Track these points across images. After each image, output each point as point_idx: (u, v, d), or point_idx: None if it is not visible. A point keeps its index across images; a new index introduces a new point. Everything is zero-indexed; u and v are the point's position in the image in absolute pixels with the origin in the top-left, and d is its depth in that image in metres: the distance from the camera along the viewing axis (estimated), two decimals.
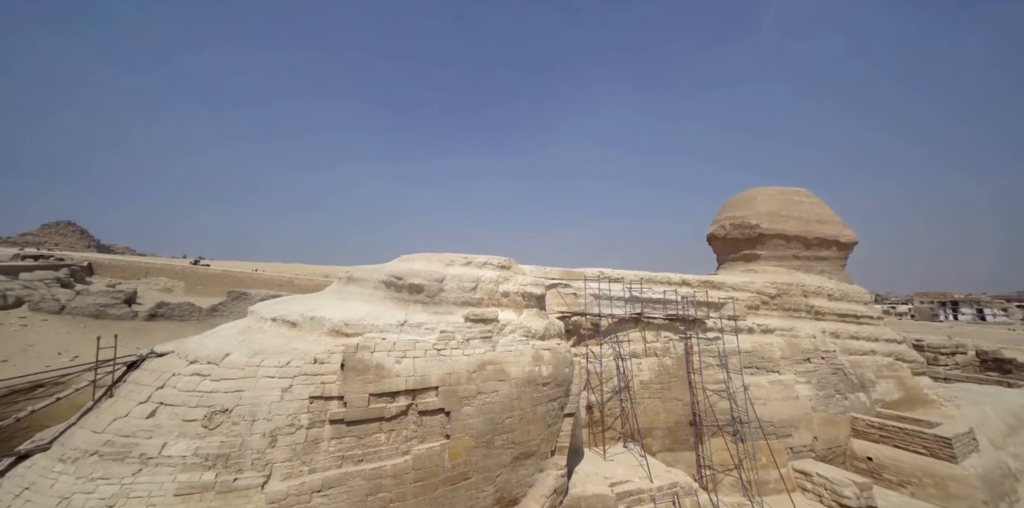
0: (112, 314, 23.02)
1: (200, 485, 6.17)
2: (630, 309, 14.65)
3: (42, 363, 15.90)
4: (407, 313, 9.77)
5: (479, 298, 10.55)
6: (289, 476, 6.81)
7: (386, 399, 8.11)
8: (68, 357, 17.00)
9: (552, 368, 10.20)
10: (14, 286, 23.57)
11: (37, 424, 8.34)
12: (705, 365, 14.46)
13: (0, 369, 14.58)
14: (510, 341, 10.06)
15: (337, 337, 8.68)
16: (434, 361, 8.90)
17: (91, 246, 76.82)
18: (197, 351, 7.87)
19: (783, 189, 22.92)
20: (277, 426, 7.08)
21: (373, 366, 8.22)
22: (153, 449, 6.32)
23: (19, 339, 18.97)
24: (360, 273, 11.09)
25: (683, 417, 13.78)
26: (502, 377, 9.38)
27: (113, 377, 7.74)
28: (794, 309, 18.69)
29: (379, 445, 7.77)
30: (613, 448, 12.55)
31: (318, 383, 7.73)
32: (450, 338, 9.41)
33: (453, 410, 8.52)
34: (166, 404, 6.83)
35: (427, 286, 10.10)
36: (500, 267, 11.68)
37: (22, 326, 20.33)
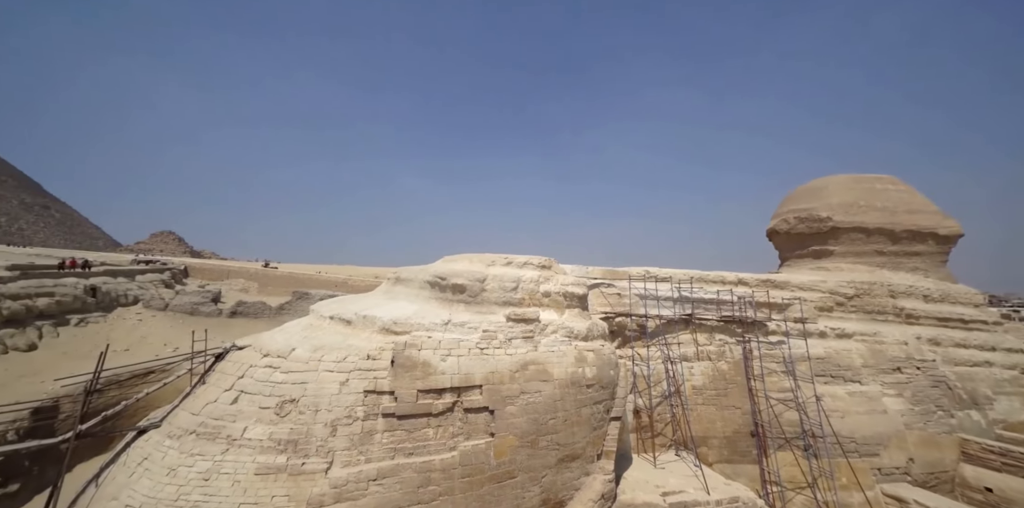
0: (202, 311, 26.47)
1: (275, 467, 6.85)
2: (679, 310, 13.81)
3: (152, 352, 18.70)
4: (451, 312, 10.06)
5: (520, 298, 10.57)
6: (348, 464, 7.31)
7: (433, 395, 8.41)
8: (171, 348, 19.83)
9: (596, 370, 9.92)
10: (132, 287, 28.04)
11: (151, 404, 9.84)
12: (767, 371, 13.19)
13: (124, 357, 17.39)
14: (552, 341, 9.96)
15: (387, 335, 9.18)
16: (477, 360, 9.08)
17: (186, 251, 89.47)
18: (269, 345, 8.76)
19: (860, 176, 20.22)
20: (336, 417, 7.65)
21: (420, 363, 8.57)
22: (237, 432, 7.14)
23: (137, 332, 22.52)
24: (407, 274, 11.64)
25: (743, 427, 12.69)
26: (545, 378, 9.31)
27: (204, 367, 8.88)
28: (878, 311, 16.37)
29: (428, 440, 8.08)
30: (664, 455, 11.90)
31: (371, 378, 8.23)
32: (492, 337, 9.54)
33: (497, 409, 8.62)
34: (246, 392, 7.68)
35: (469, 286, 10.33)
36: (540, 267, 11.61)
37: (138, 321, 24.10)
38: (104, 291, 25.20)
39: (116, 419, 8.34)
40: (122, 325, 23.62)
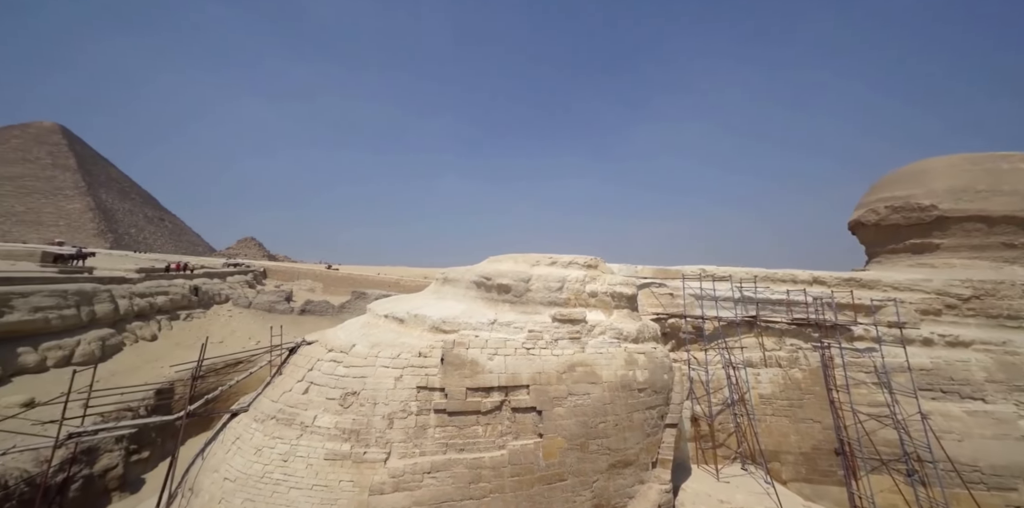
0: (278, 309, 29.76)
1: (340, 454, 7.45)
2: (741, 311, 12.63)
3: (240, 345, 21.45)
4: (496, 312, 10.18)
5: (565, 298, 10.38)
6: (405, 455, 7.72)
7: (481, 394, 8.58)
8: (254, 341, 22.57)
9: (648, 373, 9.42)
10: (224, 287, 32.40)
11: (241, 390, 11.25)
12: (854, 382, 11.56)
13: (219, 348, 20.14)
14: (600, 343, 9.65)
15: (436, 333, 9.55)
16: (524, 360, 9.10)
17: (264, 255, 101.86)
18: (333, 341, 9.54)
19: (976, 156, 16.86)
20: (393, 410, 8.11)
21: (468, 362, 8.79)
22: (308, 419, 7.88)
23: (228, 326, 25.99)
24: (454, 274, 12.00)
25: (824, 443, 11.25)
26: (593, 380, 9.06)
27: (280, 359, 9.94)
28: (1009, 316, 13.54)
29: (477, 437, 8.26)
30: (728, 468, 10.97)
31: (423, 375, 8.60)
32: (538, 338, 9.49)
33: (545, 409, 8.57)
34: (315, 384, 8.45)
35: (514, 286, 10.37)
36: (586, 266, 11.30)
37: (229, 316, 27.79)
38: (204, 290, 29.37)
39: (215, 402, 9.68)
40: (217, 320, 27.31)
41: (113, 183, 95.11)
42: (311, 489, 7.14)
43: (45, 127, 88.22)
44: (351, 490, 7.19)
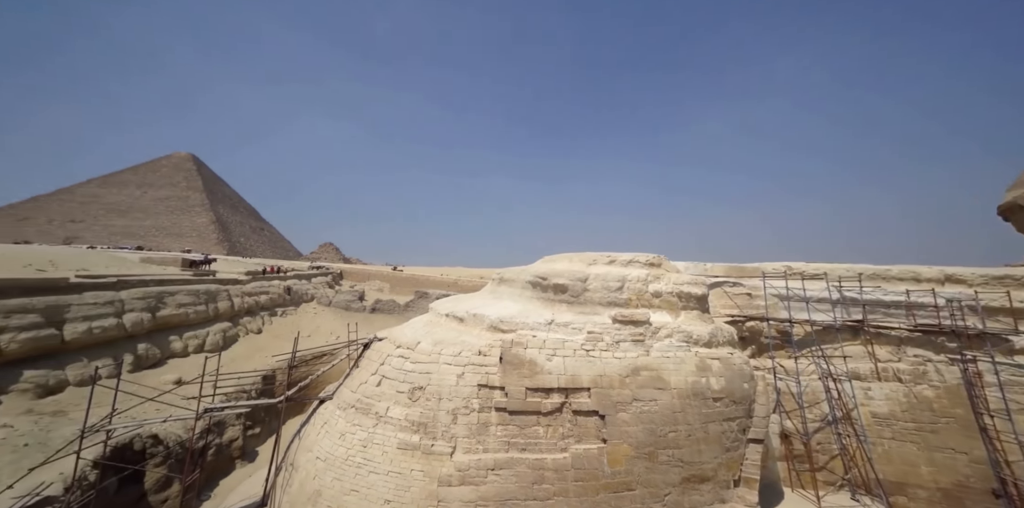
0: (353, 307, 32.97)
1: (411, 444, 7.94)
2: (842, 314, 10.78)
3: (323, 339, 24.18)
4: (553, 312, 10.02)
5: (626, 298, 9.83)
6: (469, 451, 7.96)
7: (540, 394, 8.51)
8: (335, 336, 25.29)
9: (725, 381, 8.51)
10: (309, 287, 36.88)
11: (326, 380, 12.65)
12: (1018, 407, 9.13)
13: (308, 341, 22.96)
14: (666, 346, 8.96)
15: (495, 332, 9.70)
16: (583, 361, 8.83)
17: (341, 259, 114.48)
18: (400, 338, 10.24)
19: None
20: (456, 406, 8.42)
21: (527, 362, 8.77)
22: (382, 410, 8.54)
23: (314, 322, 29.51)
24: (509, 274, 12.11)
25: (973, 480, 9.10)
26: (660, 385, 8.44)
27: (357, 353, 10.95)
28: None
29: (539, 437, 8.21)
30: (833, 497, 9.45)
31: (483, 373, 8.79)
32: (598, 339, 9.14)
33: (608, 414, 8.21)
34: (386, 377, 9.13)
35: (570, 286, 10.11)
36: (648, 265, 10.59)
37: (314, 314, 31.54)
38: (294, 290, 33.68)
39: (306, 389, 11.03)
40: (305, 316, 31.07)
41: (227, 199, 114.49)
42: (387, 475, 7.73)
43: (181, 157, 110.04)
44: (422, 479, 7.63)
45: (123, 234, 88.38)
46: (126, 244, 71.02)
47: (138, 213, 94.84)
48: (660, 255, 10.94)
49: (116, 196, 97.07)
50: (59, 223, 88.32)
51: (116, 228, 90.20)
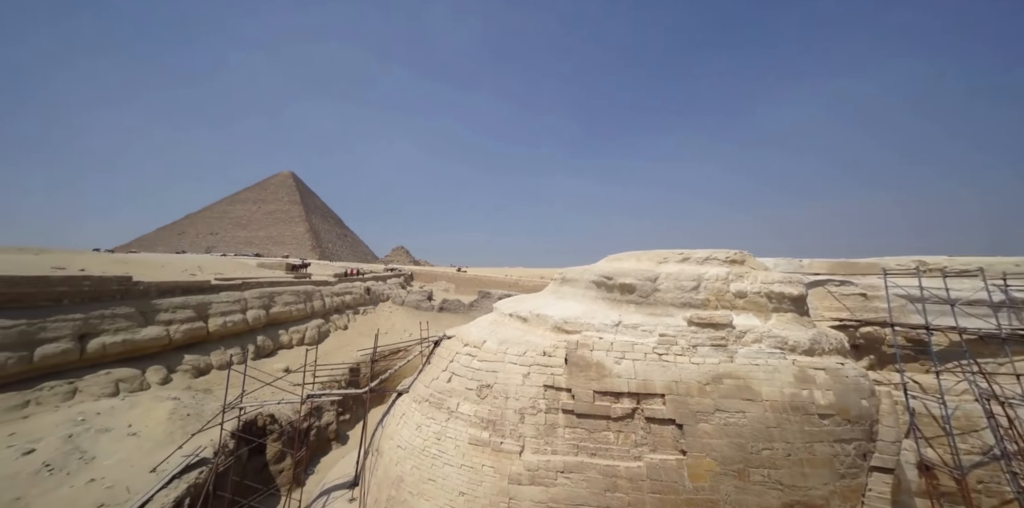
0: (423, 307, 35.40)
1: (481, 440, 8.22)
2: (1009, 320, 8.45)
3: (398, 336, 26.36)
4: (620, 313, 9.56)
5: (703, 299, 8.96)
6: (537, 451, 7.98)
7: (610, 398, 8.19)
8: (408, 334, 27.40)
9: (834, 396, 7.26)
10: (385, 288, 40.52)
11: (402, 374, 13.76)
12: None
13: (385, 338, 25.23)
14: (754, 353, 7.95)
15: (559, 333, 9.58)
16: (655, 366, 8.28)
17: (411, 261, 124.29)
18: (466, 337, 10.67)
19: None
20: (523, 406, 8.49)
21: (594, 364, 8.50)
22: (453, 405, 8.99)
23: (390, 320, 32.36)
24: (571, 274, 11.87)
25: None
26: (748, 396, 7.52)
27: (428, 350, 11.69)
28: None
29: (609, 443, 7.90)
30: None
31: (548, 374, 8.74)
32: (671, 343, 8.48)
33: (686, 424, 7.57)
34: (456, 374, 9.59)
35: (639, 286, 9.54)
36: (728, 262, 9.52)
37: (390, 312, 34.58)
38: (373, 291, 37.24)
39: (386, 381, 12.13)
40: (382, 315, 34.13)
41: (318, 210, 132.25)
42: (460, 468, 8.11)
43: (284, 175, 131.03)
44: (493, 476, 7.85)
45: (244, 243, 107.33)
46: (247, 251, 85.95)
47: (254, 225, 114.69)
48: (742, 251, 9.75)
49: (239, 211, 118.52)
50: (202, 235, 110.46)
51: (240, 238, 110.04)
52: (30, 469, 8.50)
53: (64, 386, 12.24)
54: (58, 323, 12.92)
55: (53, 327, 12.74)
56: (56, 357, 12.50)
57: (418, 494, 8.22)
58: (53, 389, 11.98)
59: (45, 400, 11.58)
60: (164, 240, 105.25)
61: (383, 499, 8.68)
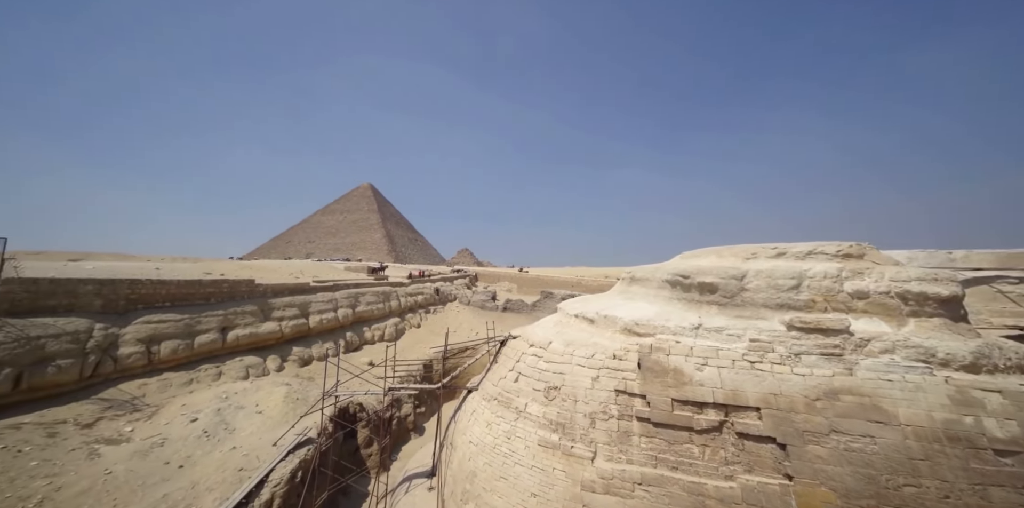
0: (487, 306, 36.47)
1: (550, 443, 8.08)
2: None
3: (465, 335, 27.51)
4: (700, 316, 8.62)
5: (806, 299, 7.62)
6: (611, 459, 7.56)
7: (691, 408, 7.43)
8: (474, 333, 28.45)
9: (1019, 427, 5.53)
10: (452, 288, 42.74)
11: (470, 372, 14.26)
12: None
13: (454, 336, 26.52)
14: (884, 365, 6.49)
15: (629, 336, 8.99)
16: (747, 375, 7.28)
17: (475, 262, 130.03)
18: (532, 337, 10.61)
19: None
20: (593, 410, 8.13)
21: (671, 370, 7.80)
22: (521, 405, 8.99)
23: (457, 319, 33.99)
24: (641, 273, 11.10)
25: None
26: (878, 417, 6.16)
27: (495, 350, 11.91)
28: None
29: (693, 458, 7.15)
30: None
31: (620, 378, 8.24)
32: (766, 349, 7.37)
33: (791, 444, 6.49)
34: (523, 375, 9.59)
35: (722, 285, 8.50)
36: (841, 256, 7.97)
37: (457, 312, 36.33)
38: (442, 291, 39.48)
39: (456, 378, 12.69)
40: (450, 314, 35.97)
41: (392, 217, 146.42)
42: (531, 468, 8.06)
43: (364, 187, 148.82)
44: (564, 480, 7.64)
45: (334, 249, 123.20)
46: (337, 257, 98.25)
47: (342, 233, 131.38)
48: (861, 243, 8.06)
49: (330, 221, 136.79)
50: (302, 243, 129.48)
51: (330, 245, 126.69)
52: (195, 434, 10.69)
53: (213, 369, 15.20)
54: (208, 317, 16.10)
55: (205, 321, 15.92)
56: (208, 345, 15.59)
57: (491, 491, 8.37)
58: (207, 371, 14.97)
59: (201, 379, 14.52)
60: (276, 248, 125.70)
61: (459, 491, 9.04)
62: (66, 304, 12.73)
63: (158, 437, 10.38)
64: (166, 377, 13.78)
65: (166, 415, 11.79)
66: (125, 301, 14.17)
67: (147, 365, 13.69)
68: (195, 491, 8.70)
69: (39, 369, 11.01)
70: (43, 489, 8.05)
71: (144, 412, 12.02)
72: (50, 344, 11.40)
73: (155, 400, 12.74)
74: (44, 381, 11.07)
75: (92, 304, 13.31)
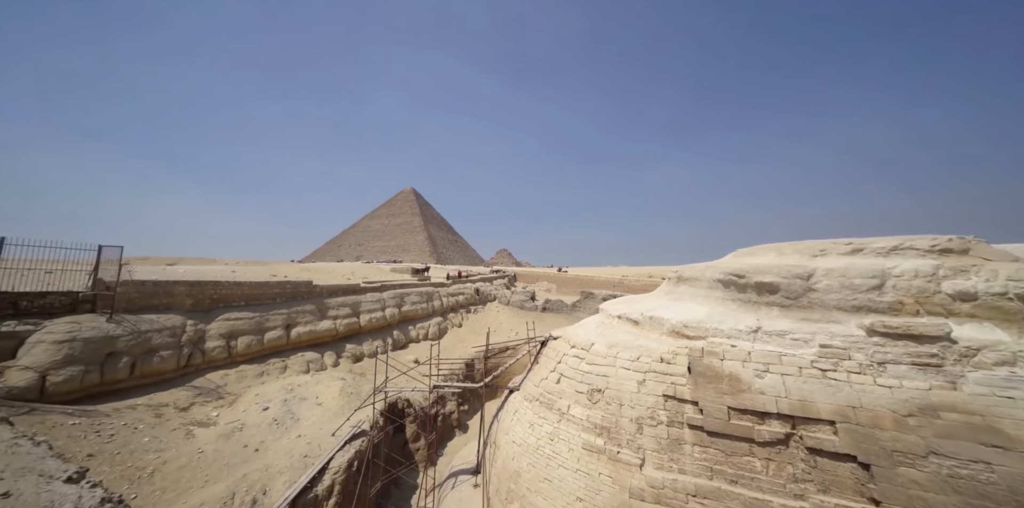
0: (526, 307, 36.49)
1: (595, 447, 7.85)
2: None
3: (505, 335, 27.73)
4: (758, 318, 7.91)
5: (891, 301, 6.67)
6: (661, 467, 7.18)
7: (750, 418, 6.84)
8: (514, 332, 28.57)
9: None
10: (491, 289, 43.33)
11: (511, 372, 14.32)
12: None
13: (494, 336, 26.85)
14: (1002, 380, 5.48)
15: (678, 338, 8.49)
16: (817, 384, 6.55)
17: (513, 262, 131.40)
18: (573, 338, 10.40)
19: None
20: (640, 415, 7.78)
21: (726, 376, 7.23)
22: (564, 407, 8.85)
23: (497, 319, 34.39)
24: (689, 272, 10.44)
25: None
26: (995, 441, 5.21)
27: (535, 350, 11.85)
28: None
29: (755, 472, 6.57)
30: None
31: (668, 382, 7.81)
32: (842, 357, 6.57)
33: (876, 465, 5.71)
34: (564, 376, 9.43)
35: (783, 285, 7.73)
36: (938, 252, 6.89)
37: (497, 312, 36.75)
38: (482, 291, 40.16)
39: (498, 378, 12.83)
40: (490, 314, 36.45)
41: (434, 220, 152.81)
42: (575, 472, 7.90)
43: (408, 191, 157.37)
44: (611, 486, 7.39)
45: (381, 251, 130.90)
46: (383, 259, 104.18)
47: (387, 236, 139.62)
48: (966, 236, 6.91)
49: (377, 225, 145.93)
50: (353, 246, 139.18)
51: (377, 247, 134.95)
52: (267, 421, 11.87)
53: (279, 363, 16.78)
54: (275, 316, 17.82)
55: (272, 318, 17.64)
56: (275, 341, 17.26)
57: (535, 492, 8.33)
58: (275, 364, 16.56)
59: (270, 372, 16.09)
60: (330, 251, 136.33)
61: (503, 490, 9.11)
62: (165, 303, 14.77)
63: (238, 422, 11.65)
64: (242, 369, 15.45)
65: (243, 403, 13.22)
66: (209, 300, 16.13)
67: (227, 358, 15.44)
68: (268, 473, 9.63)
69: (147, 358, 12.89)
70: (153, 462, 9.39)
71: (226, 399, 13.57)
72: (155, 337, 13.29)
73: (234, 389, 14.33)
74: (151, 369, 12.93)
75: (184, 303, 15.30)
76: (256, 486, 9.19)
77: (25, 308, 11.47)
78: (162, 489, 8.80)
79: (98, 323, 12.18)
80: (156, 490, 8.74)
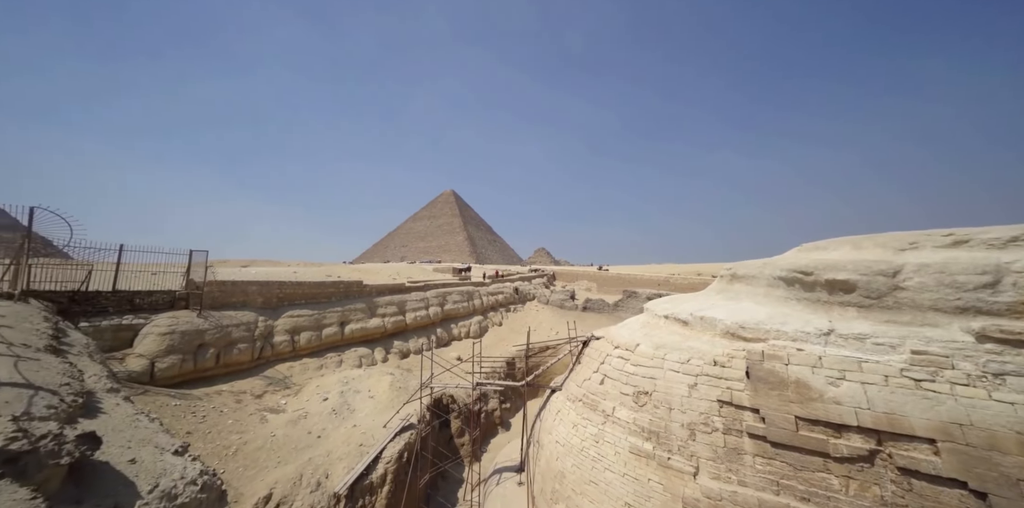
0: (566, 306, 35.98)
1: (644, 451, 7.51)
2: None
3: (545, 334, 27.54)
4: (830, 319, 7.06)
5: (1011, 302, 5.61)
6: (717, 477, 6.69)
7: (823, 430, 6.14)
8: (554, 332, 28.29)
9: None
10: (531, 288, 43.31)
11: (552, 371, 14.18)
12: None
13: (534, 335, 26.81)
14: None
15: (733, 340, 7.84)
16: (909, 396, 5.72)
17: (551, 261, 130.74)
18: (617, 338, 10.03)
19: None
20: (692, 420, 7.30)
21: (792, 382, 6.55)
22: (608, 409, 8.57)
23: (536, 318, 34.29)
24: (745, 270, 9.61)
25: None
26: None
27: (577, 350, 11.62)
28: None
29: (831, 490, 5.88)
30: None
31: (723, 387, 7.25)
32: (941, 365, 5.67)
33: (996, 495, 4.84)
34: (608, 377, 9.13)
35: (862, 282, 6.83)
36: None
37: (536, 311, 36.66)
38: (521, 290, 40.26)
39: (539, 377, 12.77)
40: (529, 313, 36.42)
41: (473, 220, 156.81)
42: (622, 476, 7.62)
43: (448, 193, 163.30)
44: (662, 493, 7.03)
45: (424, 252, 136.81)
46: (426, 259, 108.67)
47: (429, 237, 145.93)
48: None
49: (419, 227, 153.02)
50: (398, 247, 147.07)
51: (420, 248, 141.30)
52: (327, 411, 12.89)
53: (336, 357, 18.15)
54: (331, 313, 19.31)
55: (329, 316, 19.13)
56: (332, 337, 18.70)
57: (581, 494, 8.17)
58: (332, 359, 17.95)
59: (328, 365, 17.46)
60: (377, 253, 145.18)
61: (548, 490, 9.05)
62: (241, 301, 16.62)
63: (302, 411, 12.77)
64: (304, 362, 16.92)
65: (306, 393, 14.47)
66: (276, 299, 17.88)
67: (291, 351, 17.00)
68: (329, 459, 10.45)
69: (229, 350, 14.59)
70: (236, 442, 10.61)
71: (292, 389, 14.95)
72: (234, 331, 15.01)
73: (298, 380, 15.74)
74: (231, 360, 14.62)
75: (256, 301, 17.10)
76: (320, 470, 10.01)
77: (138, 304, 13.60)
78: (244, 466, 9.91)
79: (190, 318, 14.05)
80: (239, 467, 9.86)
